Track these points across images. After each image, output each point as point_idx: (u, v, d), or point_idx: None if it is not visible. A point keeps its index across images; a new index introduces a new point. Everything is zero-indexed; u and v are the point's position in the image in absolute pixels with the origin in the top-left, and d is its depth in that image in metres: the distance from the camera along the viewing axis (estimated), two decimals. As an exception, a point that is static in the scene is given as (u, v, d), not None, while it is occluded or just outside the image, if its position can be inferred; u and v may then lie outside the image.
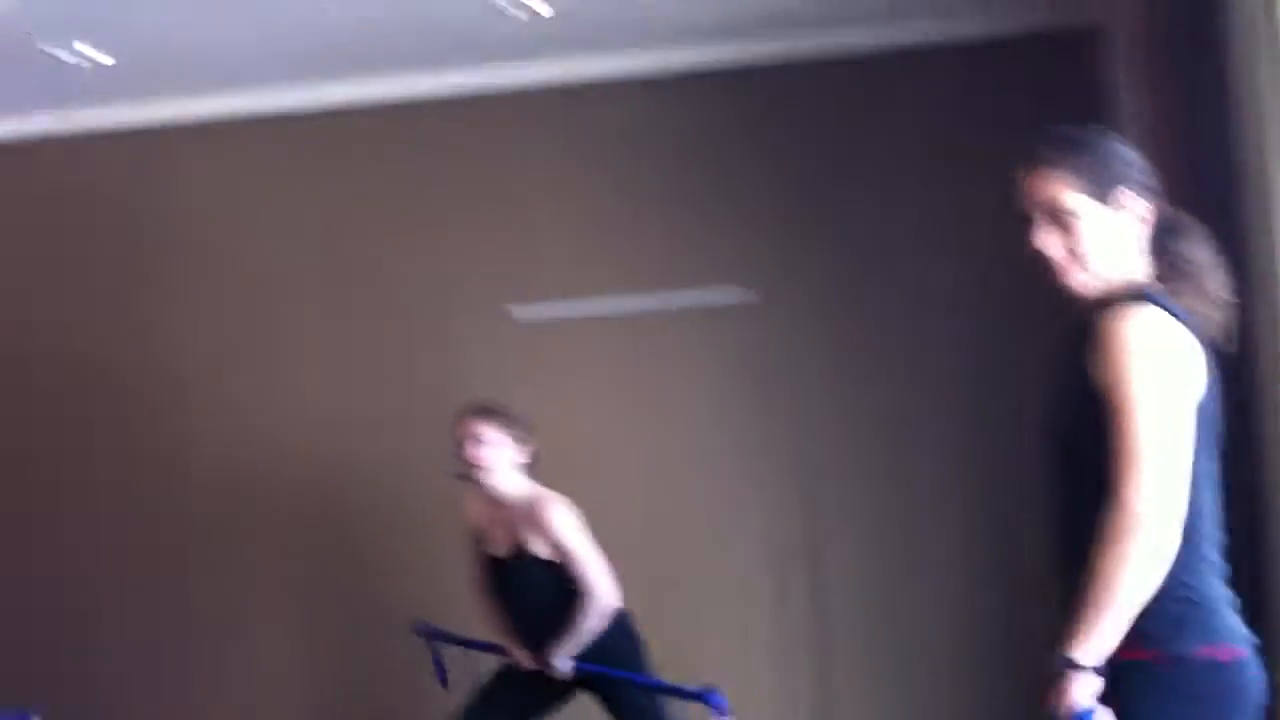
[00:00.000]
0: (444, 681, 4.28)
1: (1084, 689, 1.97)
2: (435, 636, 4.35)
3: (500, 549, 4.06)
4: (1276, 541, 3.43)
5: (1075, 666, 1.97)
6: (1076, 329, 2.17)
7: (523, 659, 4.05)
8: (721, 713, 3.72)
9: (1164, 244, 2.20)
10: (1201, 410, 2.06)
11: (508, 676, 4.15)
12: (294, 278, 5.61)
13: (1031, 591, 4.21)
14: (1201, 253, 2.21)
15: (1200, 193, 3.58)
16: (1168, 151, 3.80)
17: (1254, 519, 3.50)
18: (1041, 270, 2.19)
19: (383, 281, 5.55)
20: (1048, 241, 2.17)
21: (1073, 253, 2.16)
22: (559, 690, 4.08)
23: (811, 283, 5.29)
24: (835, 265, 5.26)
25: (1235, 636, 2.07)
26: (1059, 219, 2.16)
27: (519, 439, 4.02)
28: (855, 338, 5.25)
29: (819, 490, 5.27)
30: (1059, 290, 2.19)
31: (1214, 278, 2.20)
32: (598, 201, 5.40)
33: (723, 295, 5.28)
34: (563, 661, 3.95)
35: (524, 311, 5.39)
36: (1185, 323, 2.09)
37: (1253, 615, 2.16)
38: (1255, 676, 2.07)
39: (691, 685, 3.92)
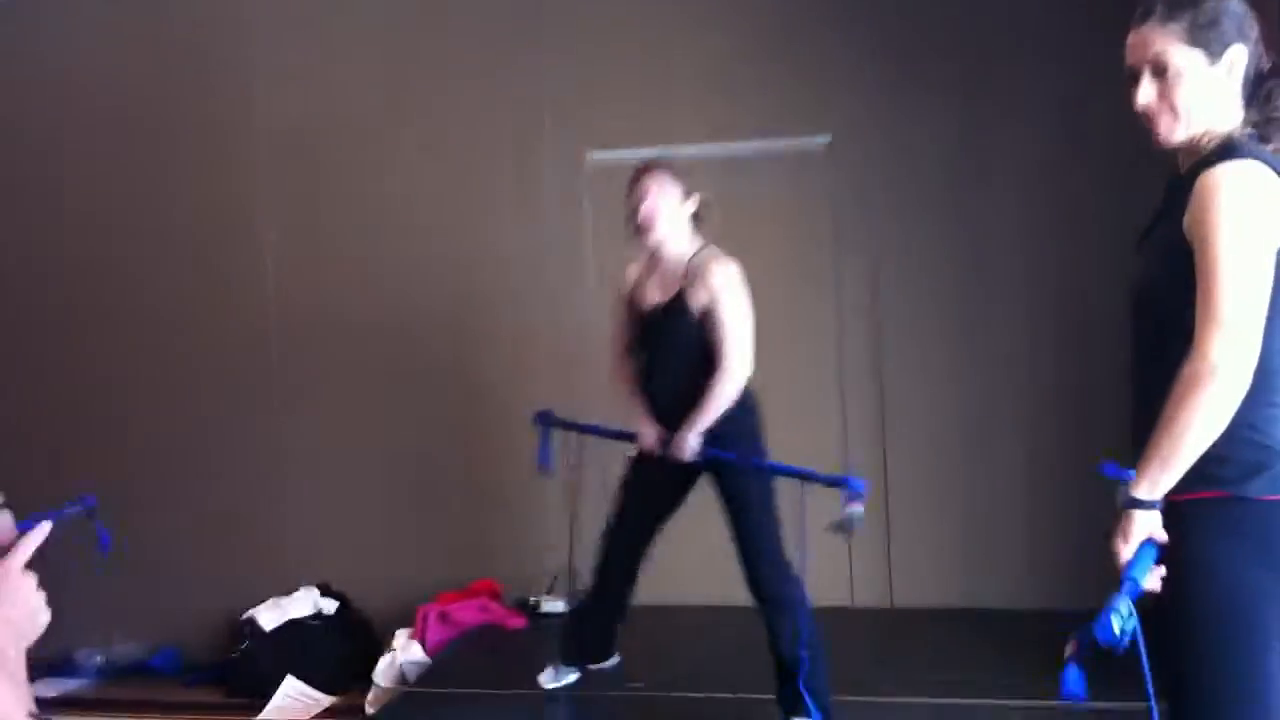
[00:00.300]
0: (545, 464, 4.34)
1: (1145, 526, 2.09)
2: (554, 424, 4.36)
3: (653, 300, 4.01)
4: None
5: (1138, 504, 2.08)
6: (1173, 186, 2.21)
7: (650, 438, 3.99)
8: (860, 496, 3.69)
9: (1265, 95, 2.20)
10: None
11: (635, 483, 4.15)
12: (391, 121, 5.78)
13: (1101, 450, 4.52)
14: None
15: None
16: None
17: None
18: (1143, 128, 2.22)
19: (469, 126, 5.72)
20: (1147, 96, 2.20)
21: (1173, 107, 2.18)
22: (685, 478, 4.04)
23: (887, 130, 5.36)
24: (914, 115, 5.32)
25: None
26: (1162, 74, 2.18)
27: (686, 193, 3.95)
28: (930, 187, 5.34)
29: (890, 335, 5.41)
30: (1155, 149, 2.23)
31: None
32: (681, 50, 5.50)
33: (799, 142, 5.34)
34: (694, 439, 3.87)
35: (601, 155, 5.46)
36: (1277, 170, 2.10)
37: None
38: None
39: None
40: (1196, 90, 2.16)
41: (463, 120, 5.73)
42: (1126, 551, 2.09)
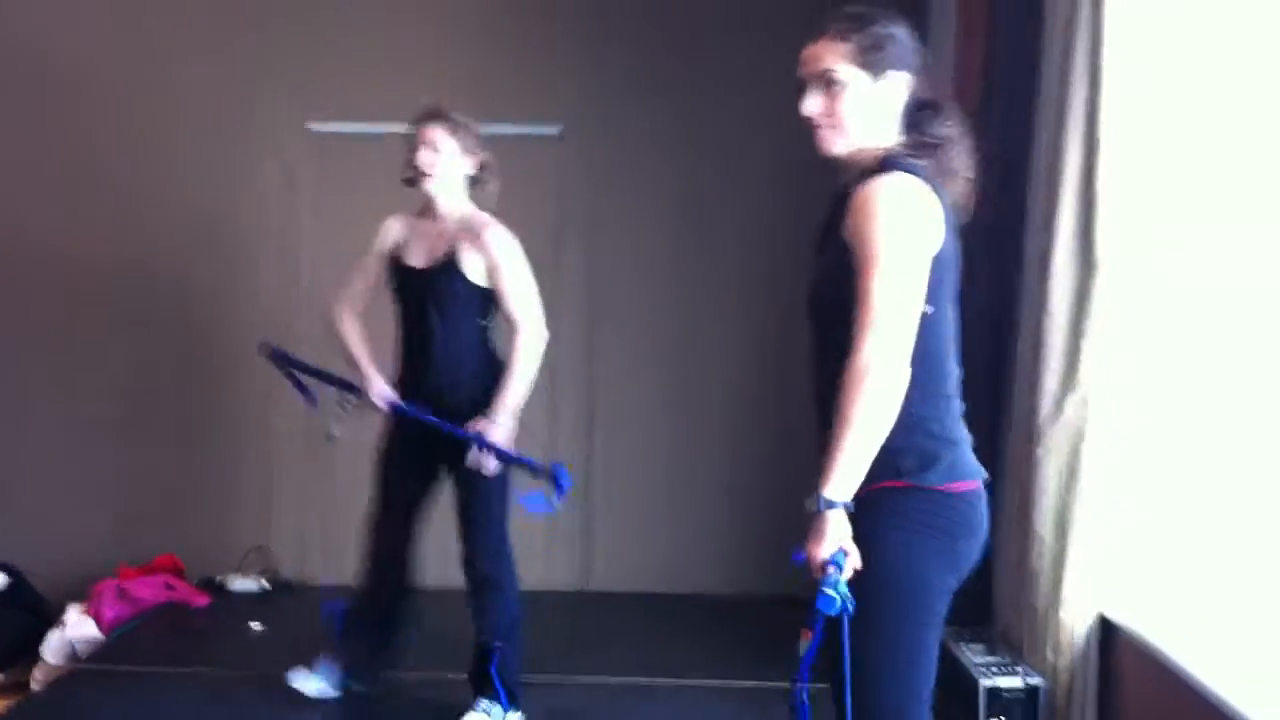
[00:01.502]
0: (310, 400, 4.06)
1: (838, 528, 2.19)
2: (284, 360, 4.08)
3: (420, 260, 3.84)
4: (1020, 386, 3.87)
5: (830, 505, 2.18)
6: (838, 196, 2.39)
7: (376, 389, 3.84)
8: (563, 491, 3.71)
9: (920, 120, 2.40)
10: (941, 261, 2.28)
11: (388, 470, 3.97)
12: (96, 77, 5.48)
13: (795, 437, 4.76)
14: (952, 130, 2.41)
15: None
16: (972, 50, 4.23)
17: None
18: (810, 134, 2.39)
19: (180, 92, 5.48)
20: (813, 106, 2.37)
21: (835, 119, 2.36)
22: (431, 454, 3.88)
23: (617, 124, 5.45)
24: (643, 109, 5.44)
25: (973, 472, 2.37)
26: (828, 87, 2.35)
27: (469, 149, 3.82)
28: (652, 176, 5.45)
29: (602, 323, 5.51)
30: (828, 157, 2.40)
31: (960, 153, 2.41)
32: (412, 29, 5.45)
33: (529, 129, 5.36)
34: (506, 423, 3.72)
35: (322, 126, 5.39)
36: (929, 183, 2.29)
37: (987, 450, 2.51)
38: (983, 508, 2.39)
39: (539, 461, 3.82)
40: (858, 105, 2.34)
41: (187, 78, 5.48)
42: (823, 552, 2.19)
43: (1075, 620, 3.57)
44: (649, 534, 5.46)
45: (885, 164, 2.31)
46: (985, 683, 3.61)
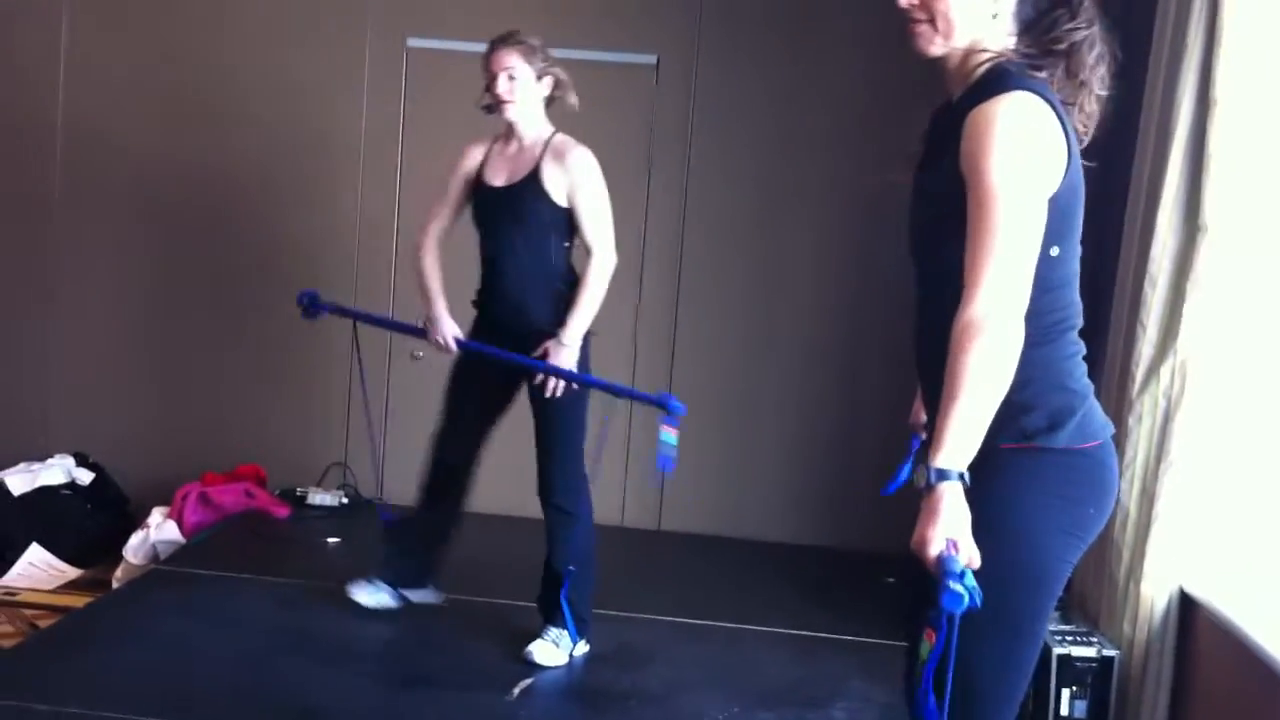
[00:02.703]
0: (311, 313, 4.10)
1: (953, 504, 1.88)
2: (322, 309, 4.11)
3: (502, 180, 3.84)
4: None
5: (943, 475, 1.88)
6: (943, 117, 2.10)
7: (442, 330, 3.87)
8: (674, 419, 3.66)
9: (1044, 17, 2.07)
10: (1067, 195, 2.00)
11: (460, 384, 4.01)
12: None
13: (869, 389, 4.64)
14: (1085, 34, 2.07)
15: None
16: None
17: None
18: (907, 30, 2.10)
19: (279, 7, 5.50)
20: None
21: (933, 12, 2.06)
22: (509, 378, 3.89)
23: (714, 56, 5.34)
24: (742, 43, 5.32)
25: (1103, 426, 2.09)
26: None
27: (543, 71, 3.79)
28: (747, 109, 5.34)
29: (688, 264, 5.44)
30: (929, 60, 2.10)
31: (1093, 62, 2.08)
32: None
33: (624, 57, 5.30)
34: (572, 350, 3.73)
35: (421, 42, 5.39)
36: (1053, 103, 1.99)
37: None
38: (1114, 463, 2.10)
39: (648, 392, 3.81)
40: (962, 2, 2.04)
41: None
42: (936, 533, 1.87)
43: (1154, 593, 3.48)
44: (721, 479, 5.43)
45: (999, 77, 2.00)
46: (1059, 650, 3.54)
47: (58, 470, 5.31)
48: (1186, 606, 3.45)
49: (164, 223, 5.57)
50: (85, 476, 5.36)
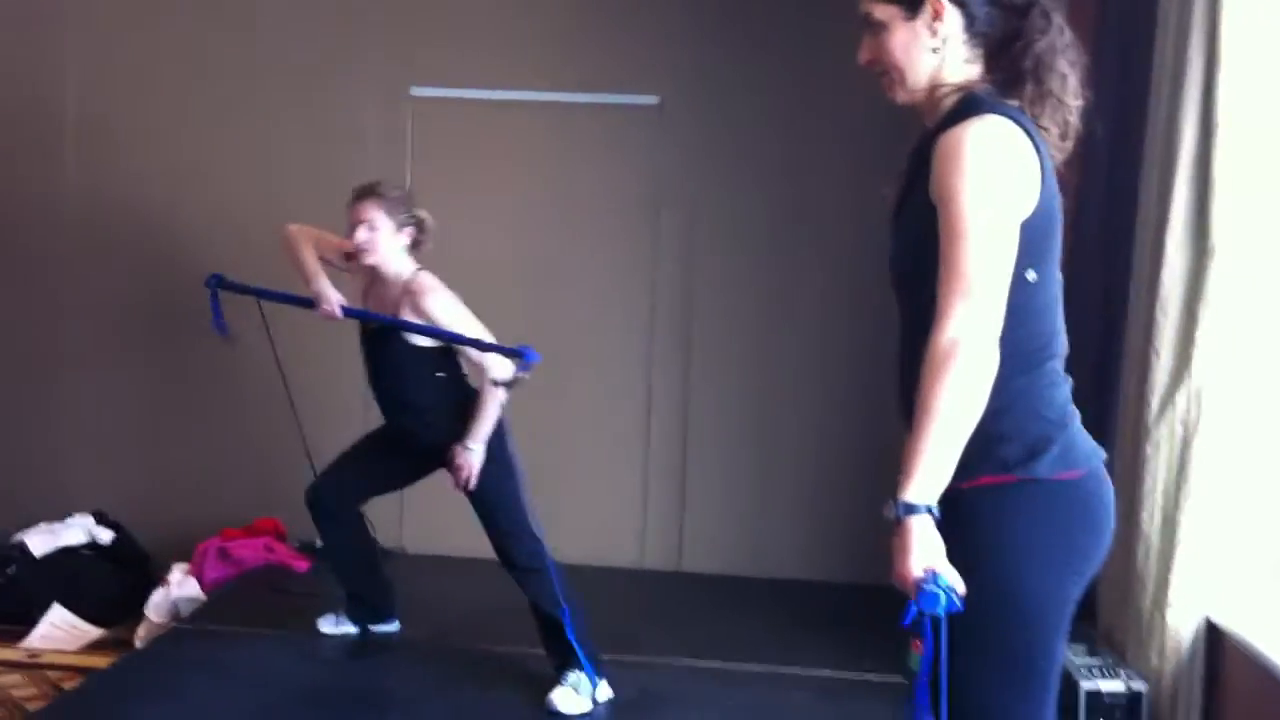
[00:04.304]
0: (219, 328, 4.24)
1: (923, 538, 1.85)
2: (227, 287, 4.24)
3: (372, 321, 4.04)
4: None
5: (911, 509, 1.85)
6: (917, 147, 2.08)
7: (328, 300, 3.97)
8: (528, 364, 3.72)
9: (1008, 40, 2.04)
10: (1041, 216, 1.96)
11: (376, 444, 4.24)
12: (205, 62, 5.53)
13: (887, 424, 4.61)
14: (1047, 45, 2.03)
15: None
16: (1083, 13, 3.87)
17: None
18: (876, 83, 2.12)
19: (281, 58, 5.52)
20: (862, 54, 2.11)
21: (883, 64, 2.09)
22: (422, 460, 4.07)
23: (715, 96, 5.34)
24: (743, 83, 5.32)
25: (1089, 454, 2.03)
26: (872, 30, 2.08)
27: (402, 223, 3.98)
28: (750, 148, 5.34)
29: (699, 303, 5.42)
30: (894, 102, 2.12)
31: (1062, 74, 2.04)
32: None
33: (627, 99, 5.30)
34: (478, 452, 3.86)
35: (424, 90, 5.40)
36: (1024, 126, 1.97)
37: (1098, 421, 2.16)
38: (1105, 493, 2.04)
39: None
40: (902, 45, 2.05)
41: (289, 44, 5.52)
42: (911, 568, 1.84)
43: (1181, 624, 3.43)
44: (740, 518, 5.40)
45: (968, 104, 1.98)
46: (1086, 685, 3.48)
47: (78, 530, 5.32)
48: (1214, 636, 3.40)
49: (174, 282, 5.56)
50: (105, 535, 5.36)
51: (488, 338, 3.87)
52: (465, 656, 4.17)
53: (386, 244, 3.96)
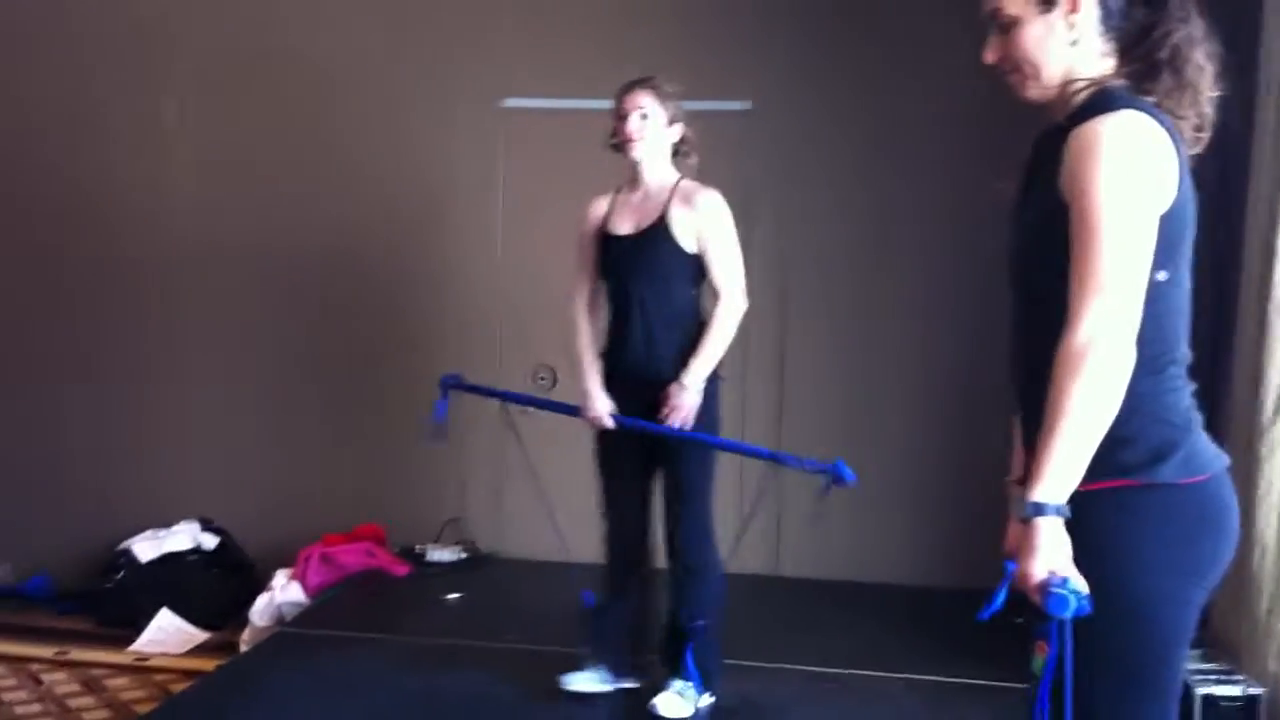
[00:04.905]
0: (438, 429, 4.13)
1: (1052, 539, 1.84)
2: (462, 389, 4.17)
3: (628, 228, 3.80)
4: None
5: (1041, 510, 1.83)
6: (1044, 142, 2.03)
7: (597, 409, 3.78)
8: (844, 481, 3.60)
9: (1139, 30, 2.00)
10: (1176, 215, 1.92)
11: (607, 461, 3.93)
12: (312, 53, 5.63)
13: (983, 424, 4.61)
14: (1184, 37, 1.98)
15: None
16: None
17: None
18: (1003, 82, 2.07)
19: (372, 71, 5.62)
20: (990, 53, 2.06)
21: (1014, 63, 2.04)
22: (649, 441, 3.79)
23: (806, 102, 5.34)
24: (834, 89, 5.32)
25: (1212, 459, 1.99)
26: (1000, 28, 2.04)
27: (675, 118, 3.78)
28: (841, 152, 5.33)
29: (793, 297, 5.39)
30: (1028, 103, 2.06)
31: (1198, 67, 1.99)
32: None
33: (717, 105, 5.18)
34: (694, 394, 3.67)
35: (515, 101, 5.46)
36: (1161, 122, 1.92)
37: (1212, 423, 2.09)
38: (1229, 496, 2.00)
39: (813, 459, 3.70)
40: (1037, 42, 2.00)
41: (380, 57, 5.61)
42: (1037, 568, 1.83)
43: (1297, 628, 3.36)
44: (840, 522, 5.36)
45: (1104, 98, 1.94)
46: (1201, 691, 3.43)
47: (184, 536, 5.44)
48: (1332, 642, 3.33)
49: (276, 295, 5.69)
50: (210, 541, 5.48)
51: (741, 265, 3.76)
52: (565, 661, 4.18)
53: (656, 136, 3.76)
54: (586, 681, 3.93)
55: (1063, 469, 1.84)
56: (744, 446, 3.90)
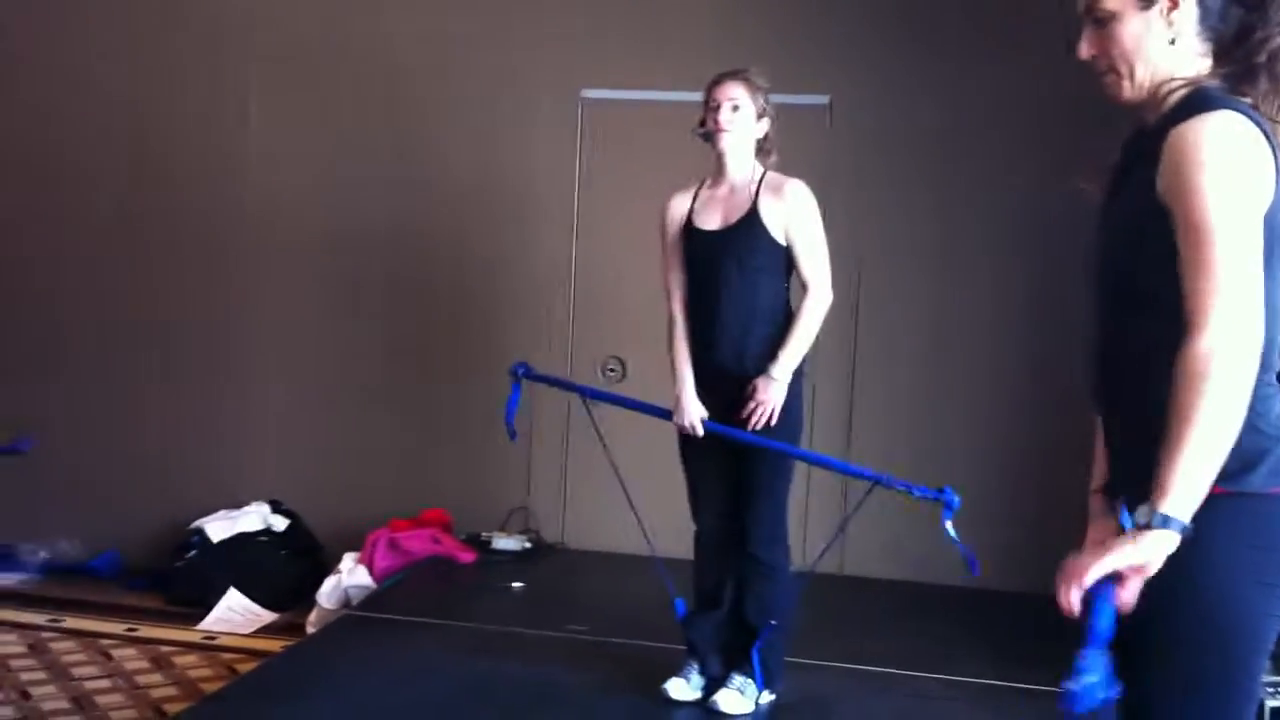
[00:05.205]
0: (510, 424, 4.03)
1: (1161, 549, 1.75)
2: (533, 379, 4.11)
3: (716, 222, 3.77)
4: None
5: (1167, 524, 1.74)
6: (1136, 144, 1.99)
7: (688, 415, 3.73)
8: (952, 509, 3.55)
9: (1238, 32, 1.95)
10: (1272, 220, 1.85)
11: (691, 460, 3.89)
12: (391, 44, 5.71)
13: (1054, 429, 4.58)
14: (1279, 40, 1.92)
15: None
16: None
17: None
18: (1095, 79, 2.03)
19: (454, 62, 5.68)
20: (1085, 49, 2.00)
21: (1110, 60, 1.98)
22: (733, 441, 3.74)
23: (886, 98, 5.33)
24: (914, 84, 5.30)
25: None
26: (1097, 23, 1.99)
27: (762, 112, 3.75)
28: (919, 149, 5.31)
29: (869, 295, 5.38)
30: (1115, 101, 2.02)
31: None
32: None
33: (796, 99, 5.15)
34: (780, 387, 3.65)
35: (596, 93, 5.49)
36: (1259, 124, 1.87)
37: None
38: None
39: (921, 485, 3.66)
40: (1136, 39, 1.95)
41: (462, 49, 5.65)
42: (1099, 569, 1.76)
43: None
44: (906, 523, 5.32)
45: (1200, 99, 1.88)
46: (1271, 703, 3.38)
47: (255, 517, 5.52)
48: None
49: (350, 281, 5.76)
50: (280, 523, 5.55)
51: (827, 258, 3.74)
52: (627, 651, 4.20)
53: (745, 128, 3.73)
54: (682, 690, 3.84)
55: (1192, 481, 1.76)
56: (848, 467, 3.88)
